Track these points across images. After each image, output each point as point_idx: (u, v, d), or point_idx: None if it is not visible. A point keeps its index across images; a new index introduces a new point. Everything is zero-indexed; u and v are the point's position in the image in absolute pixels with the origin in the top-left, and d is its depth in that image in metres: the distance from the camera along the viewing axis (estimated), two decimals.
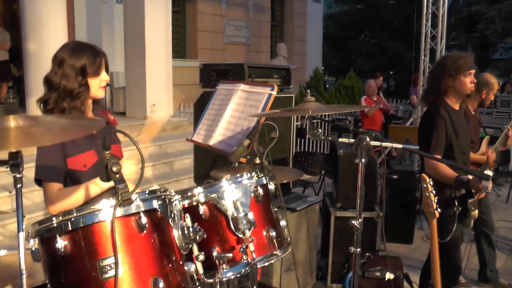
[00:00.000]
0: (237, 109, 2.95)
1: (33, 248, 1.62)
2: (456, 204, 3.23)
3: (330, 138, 2.46)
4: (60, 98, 2.31)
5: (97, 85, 2.37)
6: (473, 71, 3.37)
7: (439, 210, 2.90)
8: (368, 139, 2.31)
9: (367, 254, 4.18)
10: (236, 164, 2.45)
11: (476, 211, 3.24)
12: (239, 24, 14.89)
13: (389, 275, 3.20)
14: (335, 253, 4.63)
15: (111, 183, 1.53)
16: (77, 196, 2.21)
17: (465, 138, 3.46)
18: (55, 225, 1.53)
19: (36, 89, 7.19)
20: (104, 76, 2.39)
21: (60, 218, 1.53)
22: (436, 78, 3.46)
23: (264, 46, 16.07)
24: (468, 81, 3.35)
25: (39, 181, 2.30)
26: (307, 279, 4.46)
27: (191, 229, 1.67)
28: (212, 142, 2.94)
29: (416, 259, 5.30)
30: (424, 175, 2.90)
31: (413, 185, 5.92)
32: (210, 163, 3.88)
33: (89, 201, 2.19)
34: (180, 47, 13.36)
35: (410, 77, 11.49)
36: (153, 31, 8.93)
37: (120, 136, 2.44)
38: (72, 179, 2.30)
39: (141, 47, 8.87)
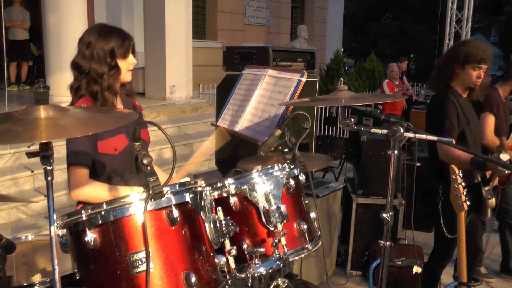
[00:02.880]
0: (265, 95, 2.89)
1: (62, 240, 1.59)
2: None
3: (362, 128, 2.37)
4: (91, 81, 2.27)
5: (125, 69, 2.35)
6: (483, 66, 3.17)
7: (468, 202, 2.82)
8: (402, 131, 2.23)
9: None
10: (262, 152, 2.39)
11: (493, 199, 3.13)
12: (259, 5, 14.71)
13: (416, 269, 3.13)
14: (356, 240, 4.60)
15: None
16: (103, 191, 2.18)
17: (475, 127, 3.34)
18: (84, 218, 1.49)
19: (56, 68, 7.22)
20: (131, 59, 2.36)
21: (89, 211, 1.49)
22: (446, 62, 3.34)
23: (284, 27, 15.90)
24: (475, 74, 3.17)
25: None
26: (327, 266, 4.43)
27: (223, 222, 1.63)
28: (238, 128, 2.89)
29: None
30: (453, 166, 2.82)
31: None
32: (232, 147, 3.84)
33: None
34: (200, 27, 13.27)
35: (432, 60, 11.27)
36: (173, 11, 8.86)
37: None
38: (101, 164, 2.28)
39: (161, 27, 8.82)
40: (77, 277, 1.59)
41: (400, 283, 4.14)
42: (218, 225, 1.61)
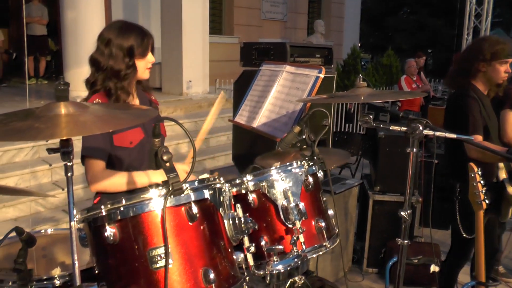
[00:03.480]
0: (282, 91, 2.87)
1: (81, 234, 1.60)
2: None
3: (381, 126, 2.35)
4: (107, 78, 2.29)
5: (144, 67, 2.36)
6: (510, 60, 3.16)
7: (487, 201, 2.78)
8: (421, 128, 2.20)
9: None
10: (279, 148, 2.38)
11: None
12: (276, 0, 14.64)
13: (433, 268, 3.10)
14: (372, 237, 4.57)
15: (161, 177, 1.50)
16: (121, 181, 2.20)
17: (495, 124, 3.30)
18: (103, 213, 1.50)
19: (73, 63, 7.30)
20: (150, 58, 2.36)
21: (109, 206, 1.50)
22: (467, 60, 3.28)
23: (301, 22, 15.82)
24: (503, 69, 3.14)
25: (83, 159, 2.29)
26: (344, 263, 4.41)
27: (242, 219, 1.62)
28: (256, 124, 2.88)
29: None
30: (472, 164, 2.78)
31: None
32: (249, 143, 3.84)
33: (137, 189, 2.17)
34: (216, 23, 13.27)
35: (450, 55, 11.14)
36: (190, 7, 8.87)
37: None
38: (118, 157, 2.30)
39: (178, 22, 8.83)
40: (96, 271, 1.60)
41: (416, 281, 4.11)
42: (237, 222, 1.61)
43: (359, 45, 18.89)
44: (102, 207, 1.51)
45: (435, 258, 4.02)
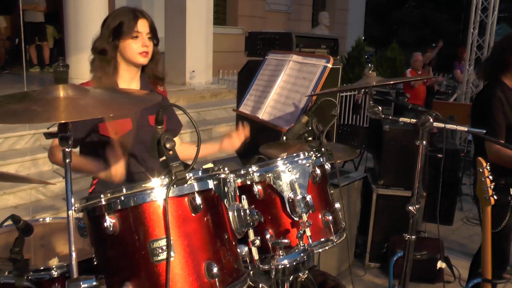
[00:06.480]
0: (289, 81, 2.80)
1: (80, 224, 1.53)
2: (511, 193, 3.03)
3: (390, 117, 2.29)
4: (97, 59, 2.29)
5: (135, 50, 2.27)
6: None
7: (495, 197, 2.72)
8: (431, 120, 2.14)
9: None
10: (284, 138, 2.32)
11: None
12: None
13: (440, 264, 3.04)
14: (375, 231, 4.53)
15: None
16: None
17: None
18: (103, 202, 1.43)
19: (74, 50, 7.27)
20: (143, 40, 2.27)
21: (109, 195, 1.43)
22: (501, 51, 3.22)
23: (305, 14, 15.74)
24: None
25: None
26: (345, 257, 4.37)
27: (247, 211, 1.56)
28: (261, 114, 2.81)
29: (455, 241, 5.17)
30: (480, 158, 2.72)
31: (455, 165, 5.71)
32: (252, 134, 3.78)
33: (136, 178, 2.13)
34: (220, 13, 13.20)
35: (454, 50, 11.05)
36: None
37: None
38: (102, 145, 2.25)
39: (182, 12, 8.77)
40: (95, 263, 1.54)
41: (419, 276, 4.06)
42: (242, 214, 1.54)
43: (363, 38, 18.80)
44: (102, 196, 1.43)
45: (439, 253, 3.97)
